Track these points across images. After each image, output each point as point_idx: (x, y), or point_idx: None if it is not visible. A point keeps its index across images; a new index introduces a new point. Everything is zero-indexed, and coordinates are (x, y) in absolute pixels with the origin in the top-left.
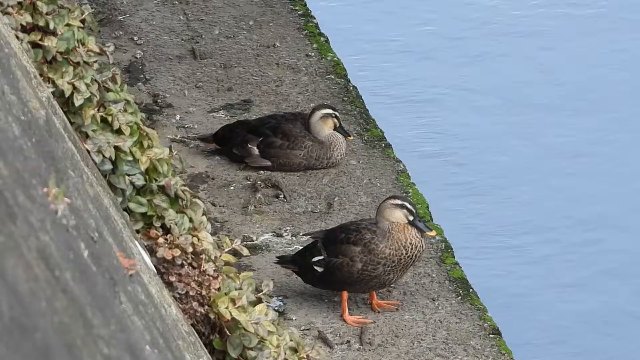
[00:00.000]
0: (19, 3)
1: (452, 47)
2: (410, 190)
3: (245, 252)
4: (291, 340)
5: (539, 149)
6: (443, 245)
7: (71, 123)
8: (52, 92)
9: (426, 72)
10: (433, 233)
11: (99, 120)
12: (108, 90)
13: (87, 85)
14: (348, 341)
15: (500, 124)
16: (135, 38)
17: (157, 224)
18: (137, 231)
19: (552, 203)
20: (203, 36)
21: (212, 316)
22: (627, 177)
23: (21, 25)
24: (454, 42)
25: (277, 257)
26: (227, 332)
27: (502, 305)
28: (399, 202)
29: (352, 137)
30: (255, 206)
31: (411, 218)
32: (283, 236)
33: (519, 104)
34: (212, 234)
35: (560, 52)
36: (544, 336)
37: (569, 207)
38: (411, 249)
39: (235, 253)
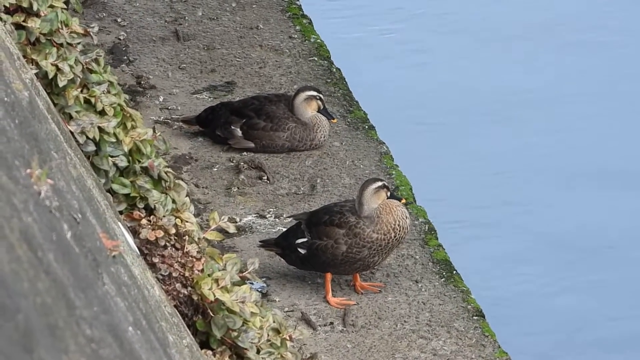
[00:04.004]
0: None
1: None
2: (394, 172)
3: (232, 229)
4: (274, 321)
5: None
6: (426, 227)
7: (54, 104)
8: (36, 74)
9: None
10: (403, 201)
11: (82, 102)
12: (91, 71)
13: (71, 67)
14: (331, 323)
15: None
16: (119, 19)
17: (141, 205)
18: (120, 212)
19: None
20: (186, 18)
21: (195, 297)
22: None
23: (4, 6)
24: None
25: (260, 242)
26: (211, 313)
27: (486, 288)
28: (379, 183)
29: (335, 120)
30: (238, 188)
31: (389, 193)
32: (266, 218)
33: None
34: (195, 216)
35: None
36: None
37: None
38: (399, 230)
39: (221, 231)
